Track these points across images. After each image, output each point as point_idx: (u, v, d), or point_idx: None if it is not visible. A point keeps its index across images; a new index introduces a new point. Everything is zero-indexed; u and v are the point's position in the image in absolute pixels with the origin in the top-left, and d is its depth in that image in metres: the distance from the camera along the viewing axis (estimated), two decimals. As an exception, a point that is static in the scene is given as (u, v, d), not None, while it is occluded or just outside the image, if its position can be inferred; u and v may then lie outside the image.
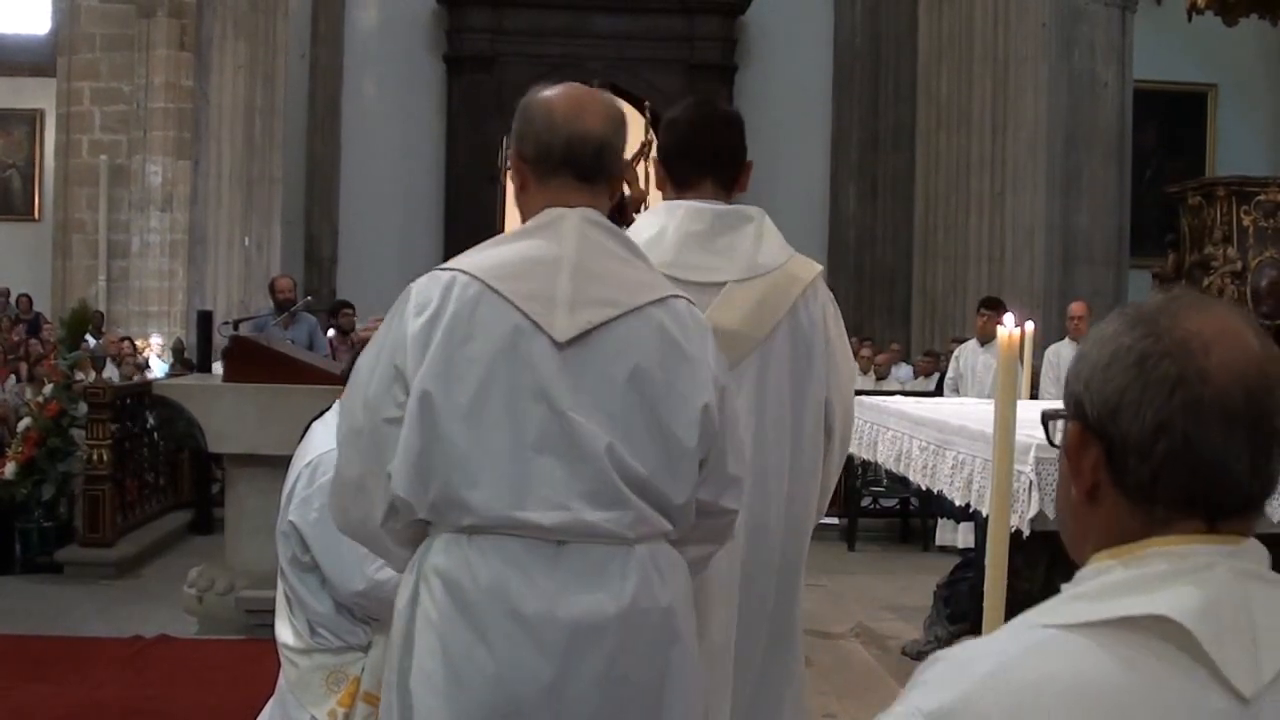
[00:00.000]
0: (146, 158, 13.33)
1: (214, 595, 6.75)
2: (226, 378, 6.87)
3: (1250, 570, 1.12)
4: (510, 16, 18.04)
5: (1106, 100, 13.64)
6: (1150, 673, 1.07)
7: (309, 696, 3.28)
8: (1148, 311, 1.18)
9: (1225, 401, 1.12)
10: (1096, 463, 1.17)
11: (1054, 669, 1.07)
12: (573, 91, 2.30)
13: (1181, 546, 1.13)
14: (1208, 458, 1.12)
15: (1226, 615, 1.08)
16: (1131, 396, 1.14)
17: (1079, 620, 1.11)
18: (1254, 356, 1.14)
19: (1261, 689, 1.07)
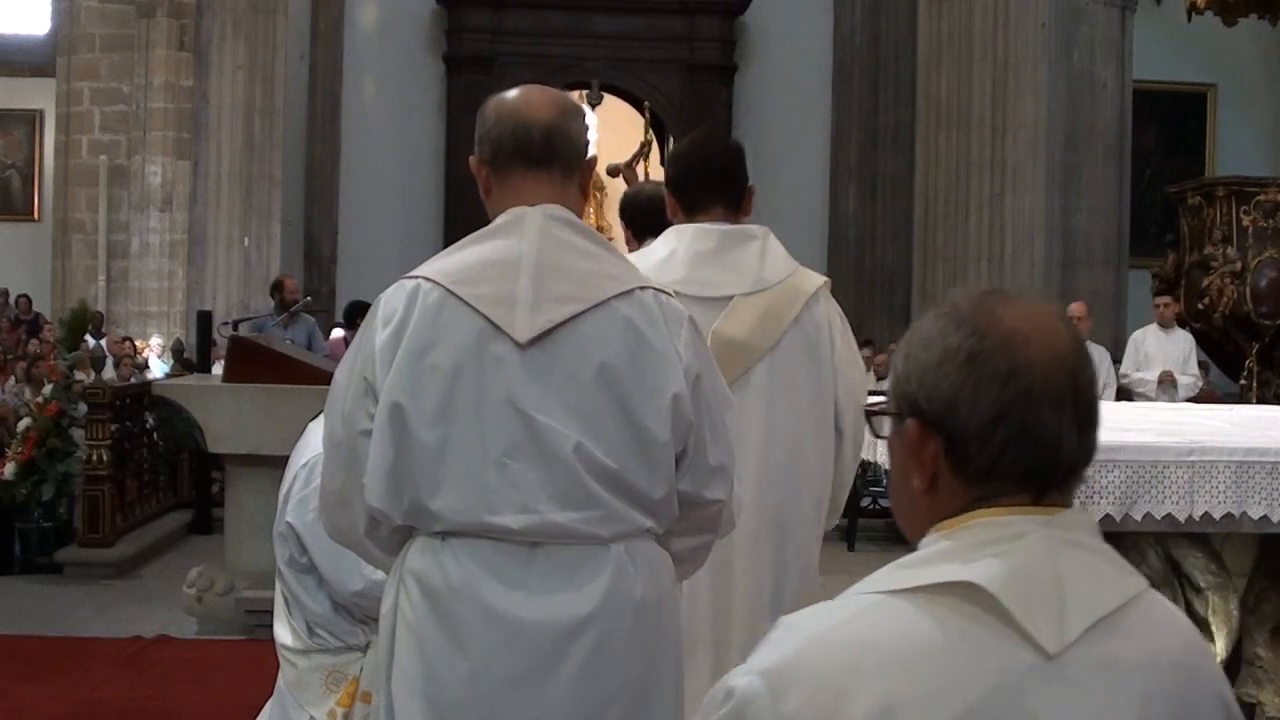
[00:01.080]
0: (146, 158, 13.33)
1: (214, 595, 6.75)
2: (226, 378, 6.87)
3: (1064, 537, 1.23)
4: (510, 16, 18.03)
5: (1106, 100, 13.64)
6: (961, 633, 1.17)
7: (308, 696, 3.28)
8: (966, 311, 1.29)
9: (1052, 386, 1.24)
10: (936, 454, 1.27)
11: (876, 629, 1.18)
12: (522, 88, 2.33)
13: (1003, 517, 1.24)
14: (1043, 438, 1.24)
15: (1034, 580, 1.19)
16: (967, 392, 1.24)
17: (900, 586, 1.21)
18: (1066, 341, 1.28)
19: (1067, 646, 1.18)
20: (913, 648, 1.17)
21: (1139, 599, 1.26)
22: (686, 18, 18.19)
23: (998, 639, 1.17)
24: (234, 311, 12.45)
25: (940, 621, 1.18)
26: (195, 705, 5.61)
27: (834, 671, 1.16)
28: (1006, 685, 1.16)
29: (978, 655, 1.17)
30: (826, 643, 1.19)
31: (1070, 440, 1.25)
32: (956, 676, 1.16)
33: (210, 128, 13.55)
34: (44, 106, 17.25)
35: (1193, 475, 3.76)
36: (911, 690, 1.15)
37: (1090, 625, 1.20)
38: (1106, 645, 1.20)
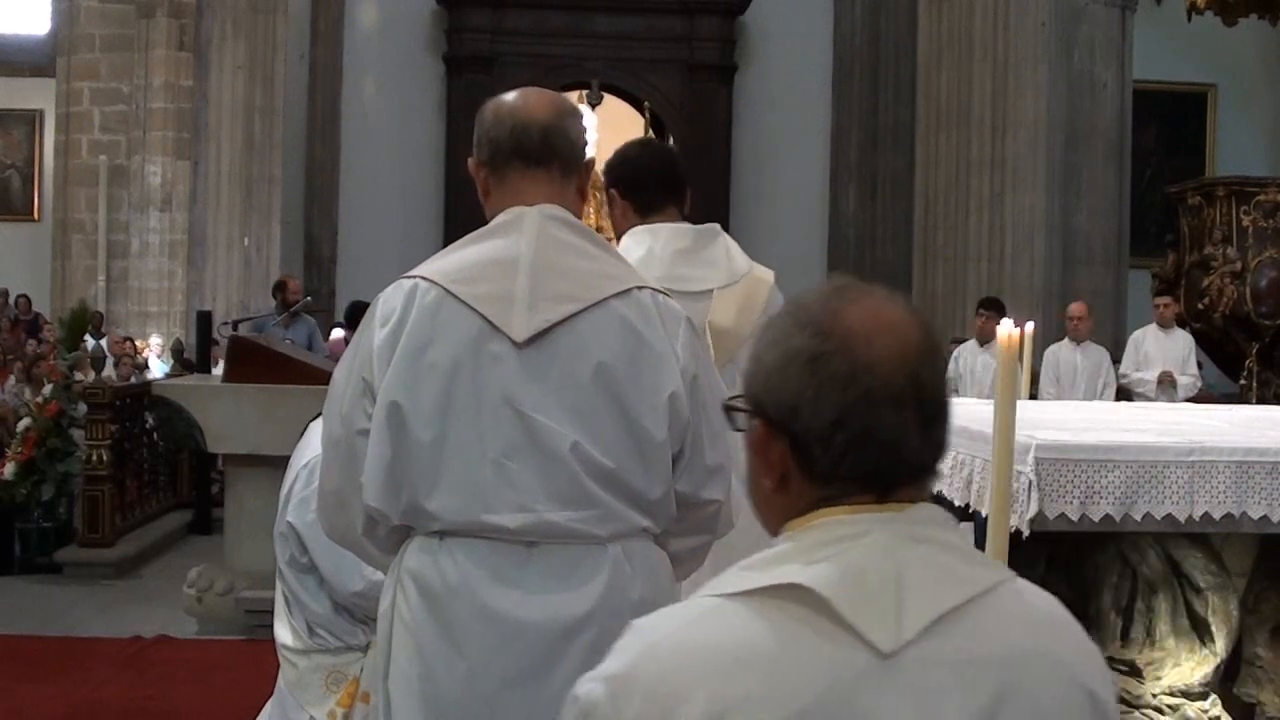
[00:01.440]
0: (146, 158, 13.33)
1: (214, 595, 6.75)
2: (226, 378, 6.87)
3: (909, 533, 1.23)
4: (510, 16, 18.03)
5: (1106, 100, 13.64)
6: (794, 636, 1.17)
7: (308, 697, 3.28)
8: (811, 311, 1.28)
9: (893, 388, 1.23)
10: (783, 455, 1.26)
11: (713, 634, 1.19)
12: (520, 90, 2.34)
13: (846, 516, 1.24)
14: (884, 440, 1.24)
15: (869, 579, 1.19)
16: (809, 395, 1.24)
17: (738, 589, 1.21)
18: (912, 340, 1.26)
19: (903, 645, 1.17)
20: (745, 652, 1.17)
21: (993, 591, 1.24)
22: (686, 18, 18.19)
23: (831, 641, 1.17)
24: (234, 311, 12.45)
25: (772, 624, 1.18)
26: (195, 705, 5.61)
27: (670, 677, 1.16)
28: (840, 687, 1.16)
29: (810, 658, 1.17)
30: (665, 648, 1.19)
31: (913, 440, 1.25)
32: (788, 679, 1.16)
33: (210, 128, 13.56)
34: (44, 106, 17.25)
35: (1193, 475, 3.76)
36: (743, 694, 1.15)
37: (931, 622, 1.19)
38: (950, 641, 1.19)
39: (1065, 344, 9.91)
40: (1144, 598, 4.25)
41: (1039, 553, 4.62)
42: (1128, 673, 4.27)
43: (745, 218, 18.16)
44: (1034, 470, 3.78)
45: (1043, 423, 4.52)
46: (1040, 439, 3.85)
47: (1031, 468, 3.78)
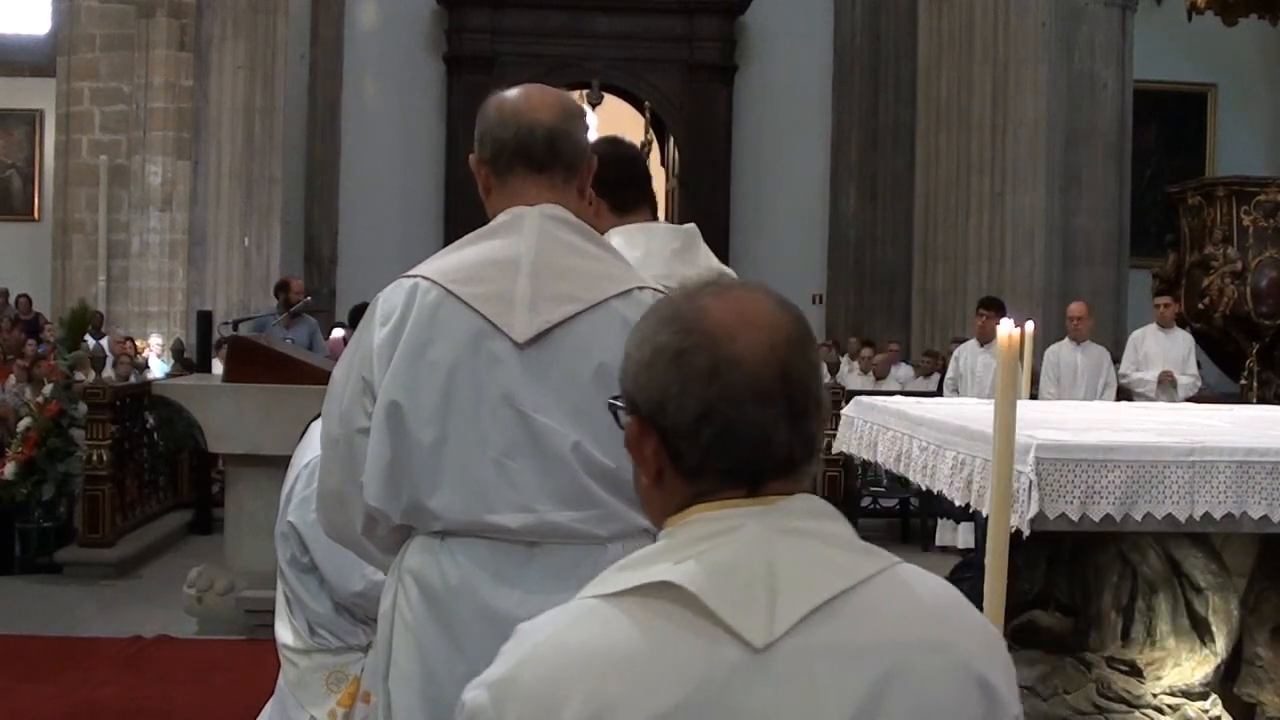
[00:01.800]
0: (146, 158, 13.33)
1: (214, 595, 6.75)
2: (226, 378, 6.87)
3: (783, 525, 1.23)
4: (510, 16, 18.04)
5: (1106, 100, 13.64)
6: (665, 634, 1.18)
7: (309, 696, 3.28)
8: (677, 307, 1.28)
9: (758, 382, 1.23)
10: (656, 450, 1.27)
11: (589, 635, 1.20)
12: (524, 88, 2.30)
13: (719, 511, 1.24)
14: (750, 434, 1.23)
15: (740, 574, 1.19)
16: (674, 391, 1.24)
17: (612, 590, 1.22)
18: (780, 333, 1.26)
19: (776, 638, 1.17)
20: (619, 652, 1.18)
21: (873, 580, 1.23)
22: (686, 18, 18.20)
23: (703, 637, 1.18)
24: (234, 311, 12.44)
25: (643, 624, 1.19)
26: (195, 705, 5.61)
27: (549, 679, 1.18)
28: (712, 683, 1.16)
29: (681, 655, 1.17)
30: (544, 651, 1.21)
31: (781, 434, 1.24)
32: (661, 677, 1.16)
33: (210, 128, 13.56)
34: (44, 106, 17.25)
35: (1193, 475, 3.76)
36: (619, 693, 1.16)
37: (807, 613, 1.19)
38: (826, 632, 1.19)
39: (1065, 344, 9.90)
40: (1144, 597, 4.25)
41: (1039, 553, 4.62)
42: (1128, 672, 4.27)
43: (745, 218, 18.17)
44: (1034, 470, 3.78)
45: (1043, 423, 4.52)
46: (1040, 439, 3.85)
47: (1032, 468, 3.78)
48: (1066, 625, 4.52)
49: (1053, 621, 4.56)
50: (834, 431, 6.09)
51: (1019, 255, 12.98)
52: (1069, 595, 4.57)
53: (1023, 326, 3.86)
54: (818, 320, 17.55)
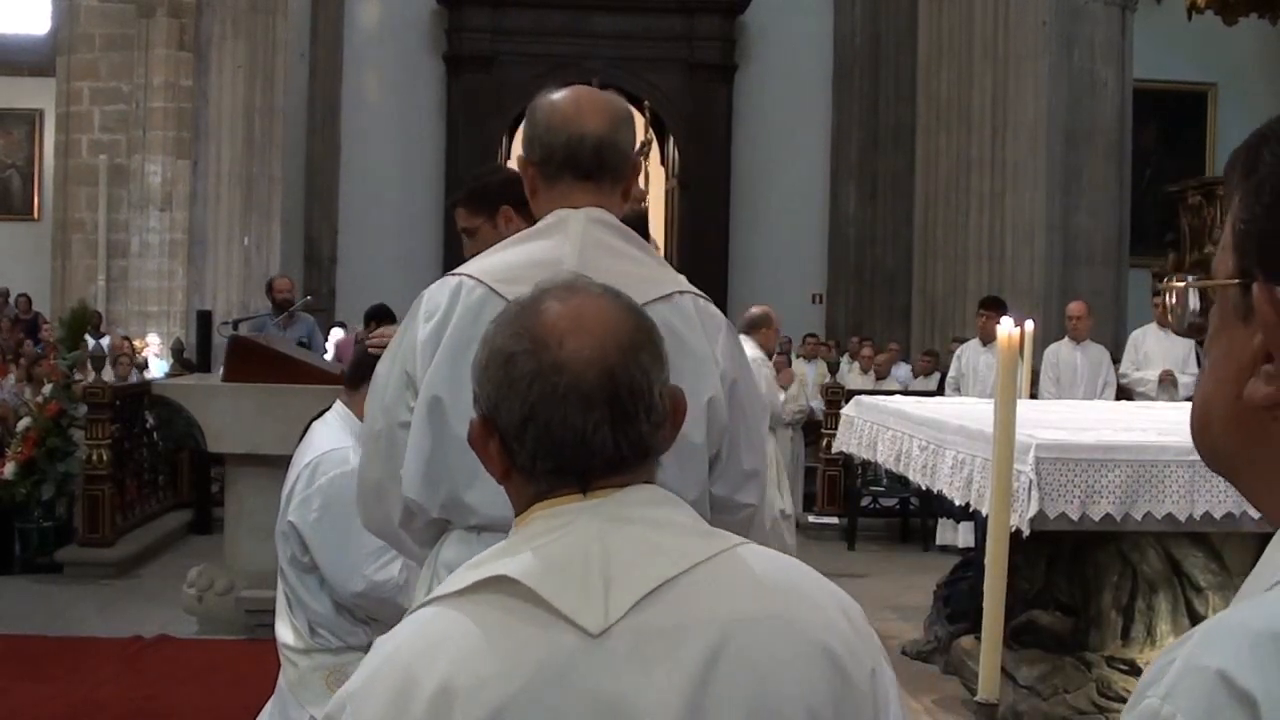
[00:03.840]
0: (146, 157, 13.32)
1: (214, 595, 6.75)
2: (226, 377, 6.87)
3: (614, 515, 1.27)
4: (510, 16, 18.03)
5: (1106, 99, 13.64)
6: (505, 625, 1.23)
7: (309, 696, 3.28)
8: (519, 308, 1.33)
9: (581, 386, 1.27)
10: (498, 450, 1.32)
11: (436, 633, 1.25)
12: (575, 93, 2.33)
13: (553, 509, 1.29)
14: (570, 437, 1.28)
15: (573, 565, 1.24)
16: (504, 393, 1.29)
17: (451, 590, 1.27)
18: (612, 338, 1.29)
19: (613, 621, 1.22)
20: (462, 644, 1.22)
21: (710, 561, 1.27)
22: (686, 17, 18.19)
23: (538, 626, 1.22)
24: (234, 311, 12.44)
25: (480, 620, 1.24)
26: (195, 705, 5.61)
27: (396, 685, 1.23)
28: (551, 668, 1.21)
29: (518, 645, 1.22)
30: (393, 659, 1.26)
31: (603, 436, 1.28)
32: (500, 667, 1.21)
33: (210, 127, 13.55)
34: (44, 106, 17.24)
35: (1193, 475, 3.76)
36: (461, 685, 1.20)
37: (641, 597, 1.23)
38: (661, 612, 1.23)
39: (1065, 343, 9.90)
40: (1144, 597, 4.25)
41: (1039, 552, 4.62)
42: (1128, 672, 4.27)
43: (745, 217, 18.17)
44: (1034, 470, 3.79)
45: (1043, 422, 4.53)
46: (1040, 439, 3.85)
47: (1032, 467, 3.79)
48: (1066, 625, 4.52)
49: (1053, 621, 4.56)
50: (834, 431, 6.08)
51: (1019, 255, 12.98)
52: (1069, 595, 4.57)
53: (1022, 326, 3.86)
54: (818, 320, 17.56)
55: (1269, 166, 0.89)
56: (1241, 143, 0.94)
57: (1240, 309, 0.91)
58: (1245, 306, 0.90)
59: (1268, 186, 0.89)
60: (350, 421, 3.34)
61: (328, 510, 3.24)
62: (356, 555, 3.22)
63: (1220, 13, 9.80)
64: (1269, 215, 0.88)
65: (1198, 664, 0.83)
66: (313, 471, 3.27)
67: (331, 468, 3.26)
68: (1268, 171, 0.89)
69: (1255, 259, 0.89)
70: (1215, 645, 0.83)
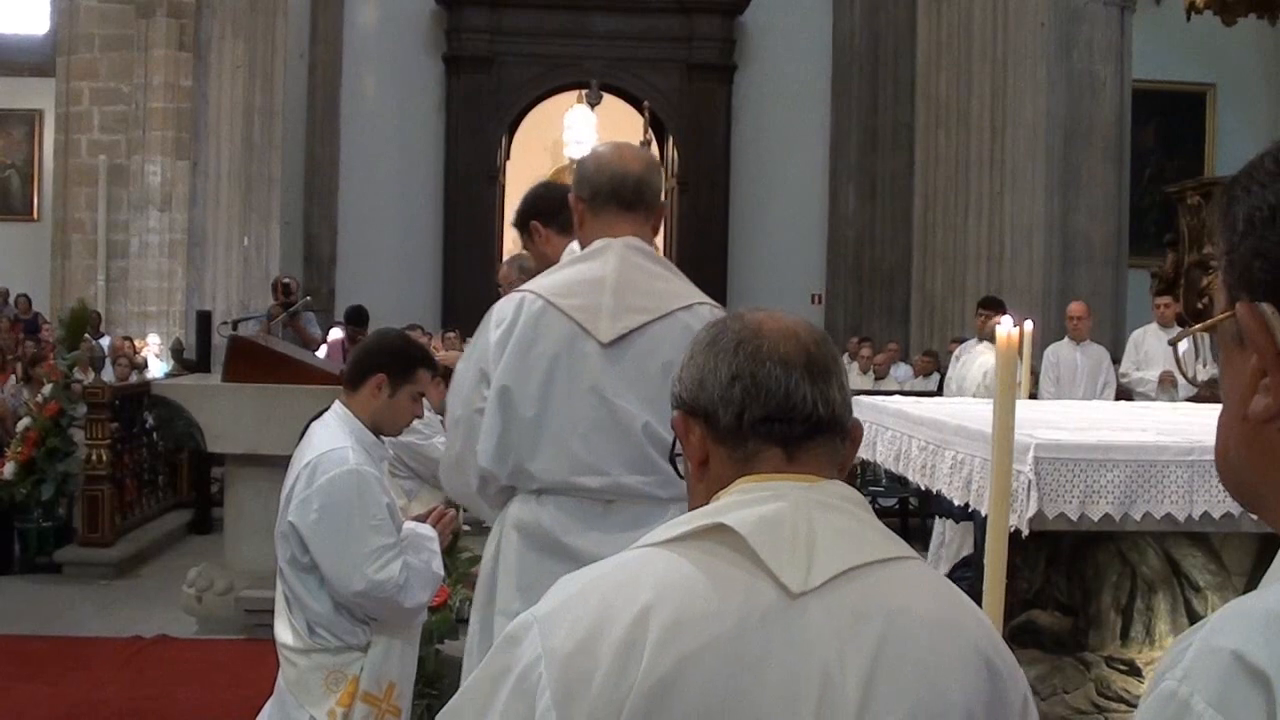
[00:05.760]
0: (145, 158, 13.32)
1: (213, 595, 6.75)
2: (226, 378, 6.86)
3: (822, 500, 1.38)
4: (510, 16, 18.04)
5: (1105, 100, 13.63)
6: (713, 568, 1.32)
7: (308, 696, 3.28)
8: (719, 320, 1.52)
9: (779, 350, 1.43)
10: (701, 437, 1.44)
11: (639, 572, 1.34)
12: (616, 144, 3.00)
13: (765, 482, 1.39)
14: (774, 388, 1.41)
15: (785, 529, 1.33)
16: (710, 367, 1.44)
17: (665, 538, 1.36)
18: (802, 329, 1.47)
19: (811, 589, 1.31)
20: (667, 583, 1.30)
21: (899, 562, 1.38)
22: (686, 17, 18.20)
23: (745, 573, 1.31)
24: (234, 311, 12.45)
25: (694, 561, 1.32)
26: (195, 705, 5.61)
27: (594, 608, 1.30)
28: (751, 616, 1.29)
29: (726, 589, 1.30)
30: (590, 590, 1.33)
31: (803, 389, 1.41)
32: (705, 607, 1.29)
33: (210, 128, 13.55)
34: (44, 106, 17.24)
35: (1193, 475, 3.76)
36: (665, 619, 1.27)
37: (838, 573, 1.32)
38: (852, 592, 1.33)
39: (1065, 343, 9.90)
40: (1144, 597, 4.25)
41: (1039, 553, 4.62)
42: (1127, 672, 4.27)
43: (744, 218, 18.17)
44: (1034, 470, 3.79)
45: (1042, 423, 4.53)
46: (1040, 439, 3.85)
47: (1031, 467, 3.79)
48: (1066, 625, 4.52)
49: (1052, 621, 4.56)
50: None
51: (1018, 255, 12.98)
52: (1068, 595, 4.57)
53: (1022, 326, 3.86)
54: (817, 320, 17.56)
55: (1240, 201, 0.96)
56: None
57: (1236, 336, 0.96)
58: (1238, 332, 0.95)
59: (1241, 216, 0.96)
60: (349, 422, 3.34)
61: (327, 510, 3.25)
62: (356, 555, 3.22)
63: (1219, 13, 9.78)
64: (1244, 241, 0.95)
65: (1213, 645, 0.87)
66: (312, 472, 3.28)
67: (331, 468, 3.27)
68: (1240, 205, 0.96)
69: (1239, 284, 0.95)
70: (1230, 627, 0.87)
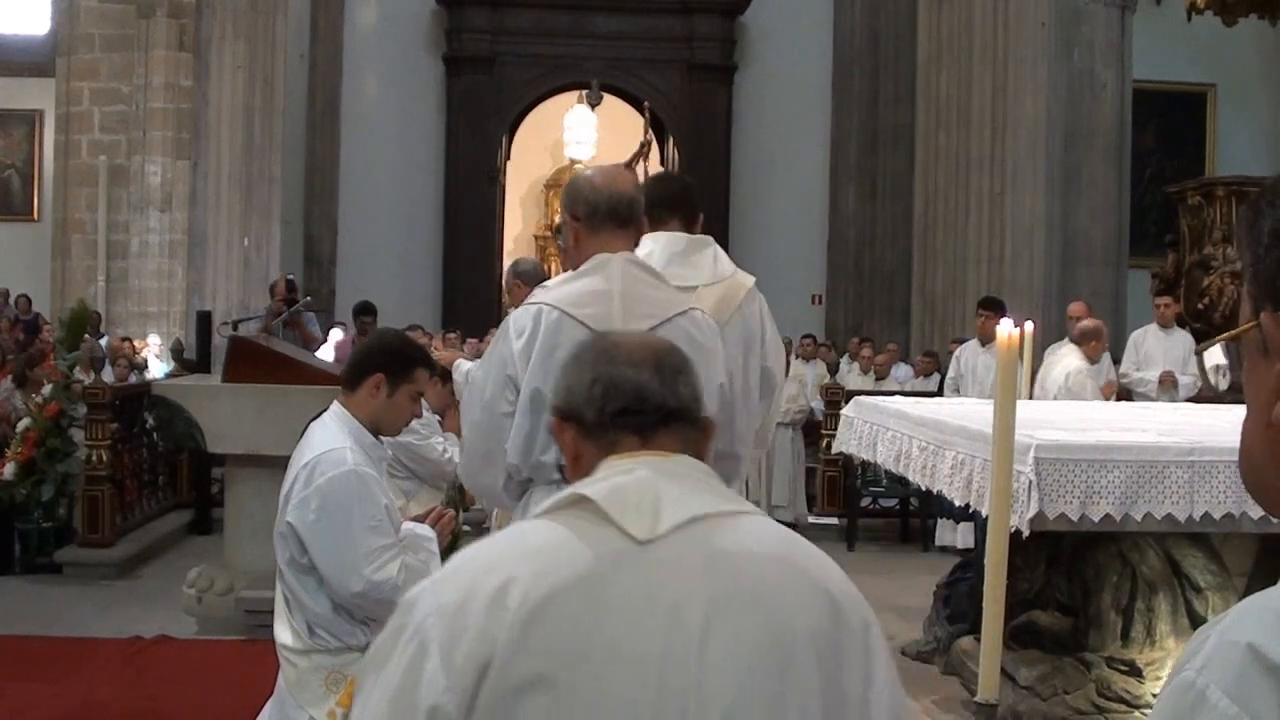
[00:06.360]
0: (146, 158, 13.32)
1: (213, 595, 6.75)
2: (226, 378, 6.86)
3: (669, 470, 1.61)
4: (510, 16, 18.03)
5: (1106, 100, 13.63)
6: (573, 529, 1.54)
7: (307, 697, 3.28)
8: (581, 342, 1.82)
9: (633, 356, 1.68)
10: (573, 437, 1.69)
11: (512, 538, 1.61)
12: (604, 169, 3.36)
13: (622, 461, 1.62)
14: (629, 385, 1.66)
15: (633, 492, 1.56)
16: (575, 376, 1.70)
17: (537, 512, 1.61)
18: (654, 340, 1.76)
19: (657, 537, 1.52)
20: (532, 543, 1.55)
21: (743, 515, 1.60)
22: (686, 18, 18.20)
23: (599, 531, 1.53)
24: (234, 311, 12.44)
25: (556, 525, 1.56)
26: (195, 705, 5.61)
27: (474, 570, 1.53)
28: (604, 562, 1.51)
29: (583, 543, 1.52)
30: (476, 553, 1.58)
31: (654, 385, 1.66)
32: (564, 557, 1.51)
33: (210, 128, 13.55)
34: (44, 106, 17.24)
35: (1193, 475, 3.76)
36: (531, 569, 1.50)
37: (682, 522, 1.53)
38: (697, 538, 1.53)
39: (1065, 344, 9.89)
40: (1144, 597, 4.25)
41: (1039, 553, 4.62)
42: (1128, 672, 4.27)
43: (745, 217, 18.17)
44: (1034, 470, 3.79)
45: (1043, 423, 4.53)
46: (1040, 439, 3.85)
47: (1031, 468, 3.79)
48: (1066, 625, 4.52)
49: (1052, 621, 4.56)
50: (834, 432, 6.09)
51: (1019, 255, 12.98)
52: (1069, 595, 4.57)
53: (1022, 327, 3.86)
54: (818, 320, 17.55)
55: (1266, 215, 1.01)
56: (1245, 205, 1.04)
57: (1260, 345, 1.00)
58: (1263, 341, 1.00)
59: (1266, 230, 1.00)
60: (347, 422, 3.34)
61: (326, 511, 3.25)
62: (355, 555, 3.22)
63: (1220, 13, 9.78)
64: (1269, 254, 1.00)
65: (1230, 639, 0.89)
66: (311, 472, 3.27)
67: (329, 468, 3.27)
68: (1265, 219, 1.01)
69: (1263, 295, 1.00)
70: (1246, 621, 0.89)
